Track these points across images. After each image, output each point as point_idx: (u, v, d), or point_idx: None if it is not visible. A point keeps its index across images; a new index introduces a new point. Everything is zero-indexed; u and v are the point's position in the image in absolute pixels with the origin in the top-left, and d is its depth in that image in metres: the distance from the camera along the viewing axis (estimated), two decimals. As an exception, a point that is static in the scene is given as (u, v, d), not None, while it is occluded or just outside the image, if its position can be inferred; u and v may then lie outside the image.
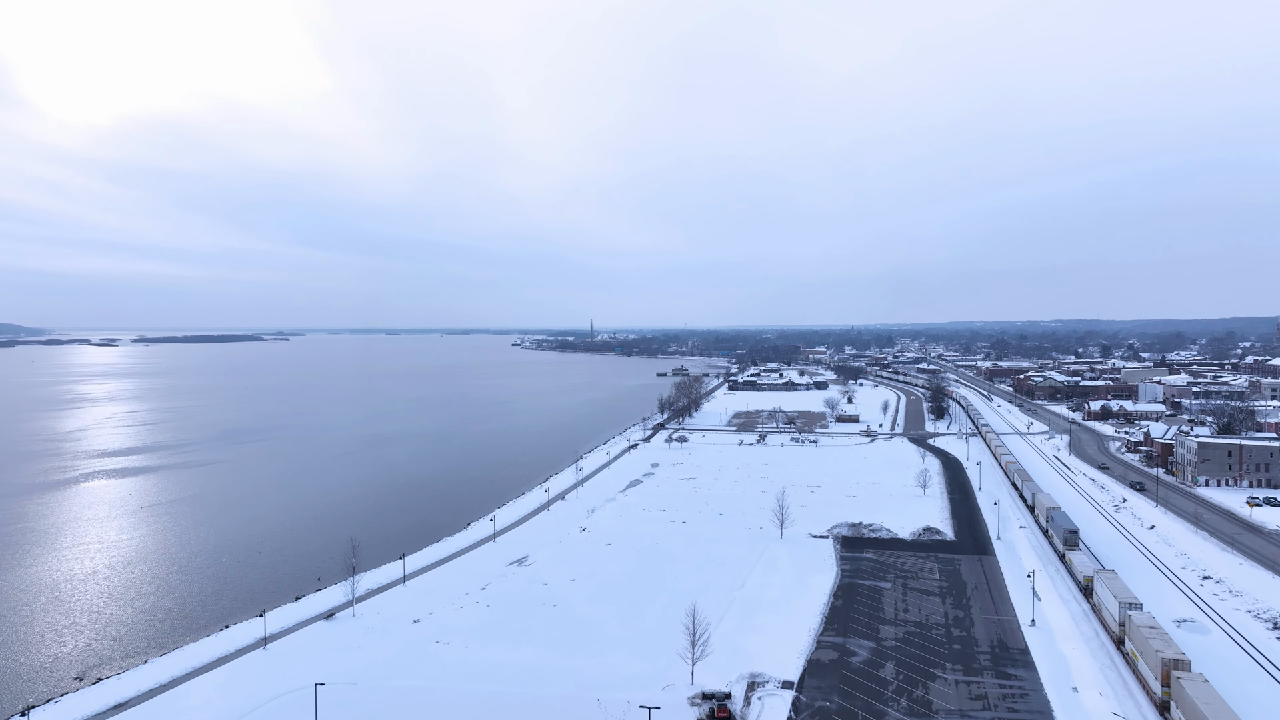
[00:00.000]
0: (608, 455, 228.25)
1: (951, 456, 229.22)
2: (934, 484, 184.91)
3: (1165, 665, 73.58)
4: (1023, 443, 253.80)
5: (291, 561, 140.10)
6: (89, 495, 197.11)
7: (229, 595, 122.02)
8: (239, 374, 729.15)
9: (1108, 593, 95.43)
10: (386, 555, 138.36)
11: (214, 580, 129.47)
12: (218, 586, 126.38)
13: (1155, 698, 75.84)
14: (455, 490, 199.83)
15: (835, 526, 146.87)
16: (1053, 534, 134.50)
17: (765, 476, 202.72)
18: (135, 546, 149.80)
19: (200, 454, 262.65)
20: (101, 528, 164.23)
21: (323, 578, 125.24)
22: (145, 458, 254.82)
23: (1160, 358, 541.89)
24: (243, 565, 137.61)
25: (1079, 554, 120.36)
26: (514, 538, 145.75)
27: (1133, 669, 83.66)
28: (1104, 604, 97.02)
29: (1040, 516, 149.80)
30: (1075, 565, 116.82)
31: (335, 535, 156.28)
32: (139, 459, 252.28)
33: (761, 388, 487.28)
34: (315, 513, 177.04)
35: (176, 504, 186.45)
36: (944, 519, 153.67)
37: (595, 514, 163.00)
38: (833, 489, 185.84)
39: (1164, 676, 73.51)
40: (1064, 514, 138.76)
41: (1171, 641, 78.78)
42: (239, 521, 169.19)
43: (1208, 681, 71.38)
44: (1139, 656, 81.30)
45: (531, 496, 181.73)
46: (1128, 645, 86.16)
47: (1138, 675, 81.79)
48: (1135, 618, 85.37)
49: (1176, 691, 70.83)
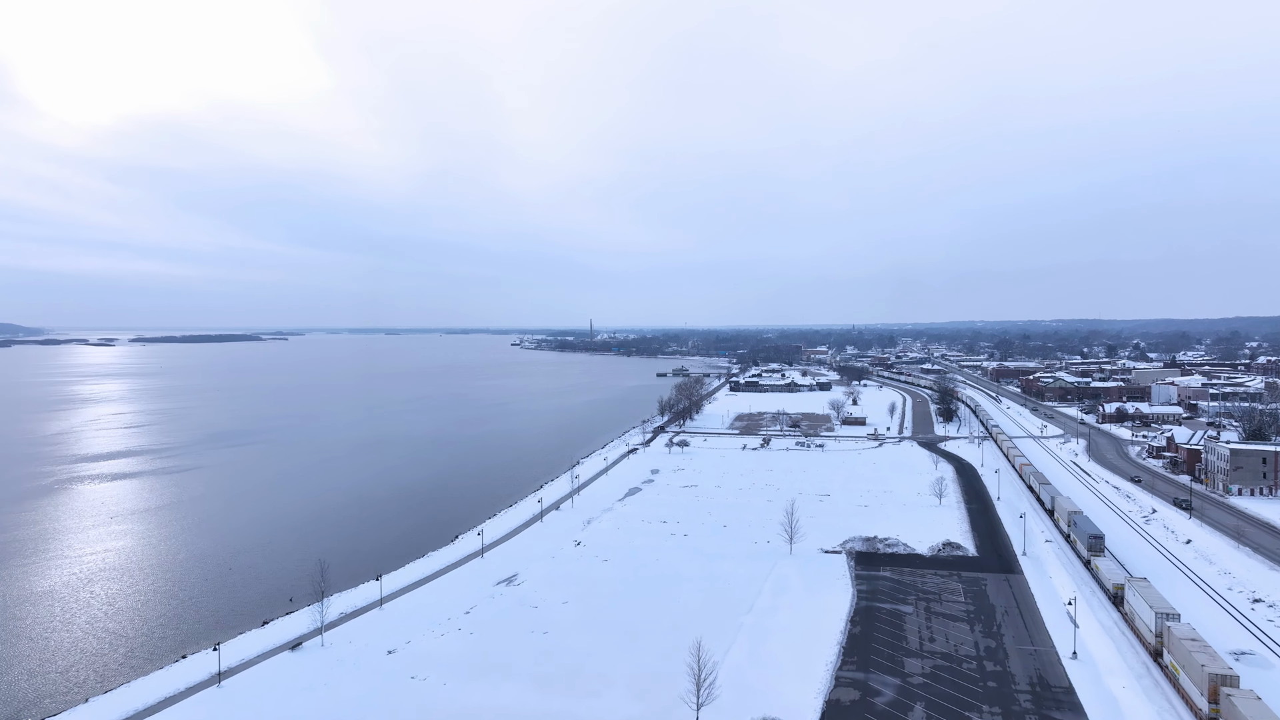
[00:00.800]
0: (605, 461, 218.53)
1: (965, 462, 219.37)
2: (950, 492, 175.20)
3: (1212, 681, 69.78)
4: (1037, 447, 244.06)
5: (265, 579, 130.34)
6: (56, 505, 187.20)
7: (191, 619, 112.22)
8: (233, 375, 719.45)
9: (1142, 602, 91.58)
10: (366, 572, 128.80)
11: (177, 602, 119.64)
12: (180, 609, 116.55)
13: (1201, 715, 71.53)
14: (444, 499, 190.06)
15: (848, 540, 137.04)
16: (1076, 540, 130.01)
17: (770, 484, 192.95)
18: (98, 563, 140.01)
19: (183, 459, 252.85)
20: (64, 542, 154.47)
21: (295, 598, 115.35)
22: (124, 463, 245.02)
23: (1171, 358, 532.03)
24: (211, 584, 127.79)
25: (1105, 560, 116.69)
26: (504, 553, 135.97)
27: (1173, 683, 79.88)
28: (1137, 613, 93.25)
29: (1061, 522, 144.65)
30: (1103, 572, 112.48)
31: (314, 549, 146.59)
32: (117, 464, 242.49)
33: (764, 389, 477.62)
34: (295, 524, 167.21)
35: (148, 514, 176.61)
36: (964, 532, 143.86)
37: (591, 526, 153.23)
38: (842, 498, 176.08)
39: (1211, 693, 69.74)
40: (1087, 519, 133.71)
41: (1217, 655, 74.67)
42: (212, 534, 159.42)
43: (1260, 699, 66.54)
44: (1180, 670, 77.63)
45: (524, 506, 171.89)
46: (1167, 658, 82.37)
47: (1179, 690, 77.91)
48: (1175, 629, 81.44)
49: (1226, 709, 67.19)
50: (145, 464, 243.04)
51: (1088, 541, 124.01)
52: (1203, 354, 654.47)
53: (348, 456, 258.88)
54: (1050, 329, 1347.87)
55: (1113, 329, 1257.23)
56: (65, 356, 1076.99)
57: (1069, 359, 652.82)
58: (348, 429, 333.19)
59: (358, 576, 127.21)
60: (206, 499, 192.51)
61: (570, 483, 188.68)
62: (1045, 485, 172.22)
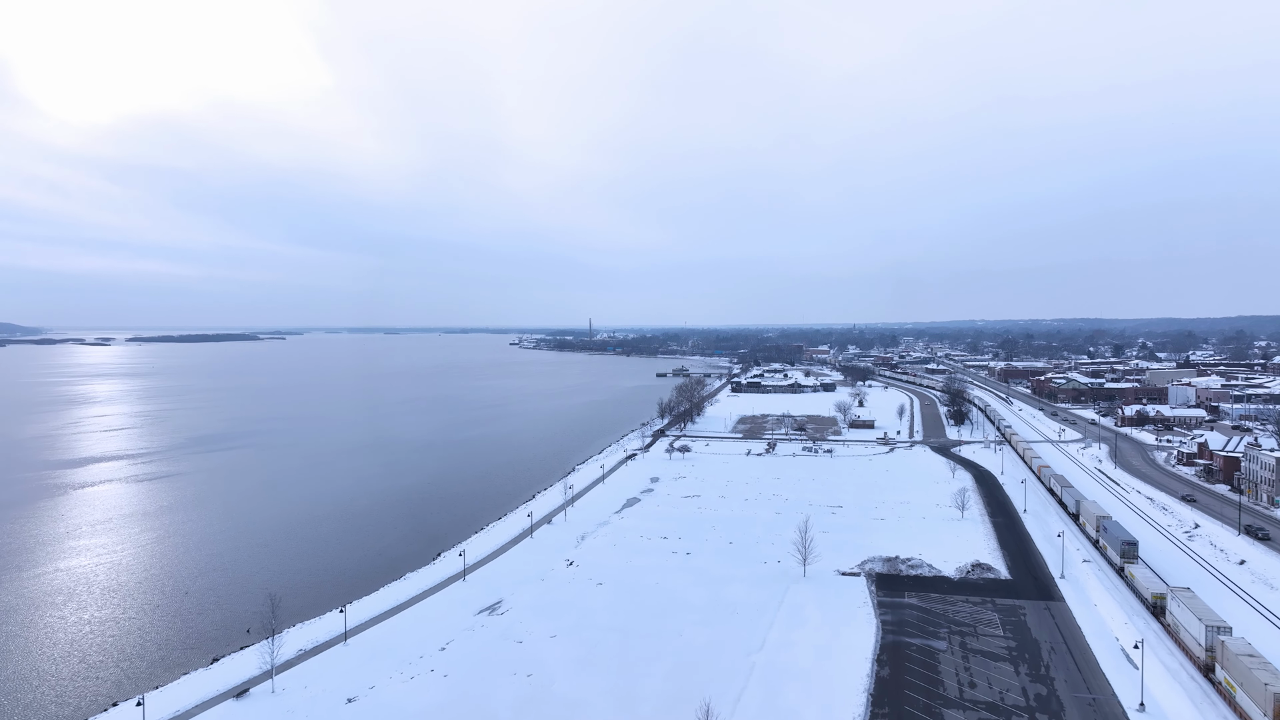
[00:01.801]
0: (601, 469, 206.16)
1: (983, 469, 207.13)
2: (972, 504, 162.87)
3: (1277, 701, 65.64)
4: (1056, 452, 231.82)
5: (223, 605, 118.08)
6: (9, 519, 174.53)
7: (131, 658, 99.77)
8: (226, 375, 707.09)
9: (1188, 613, 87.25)
10: (337, 596, 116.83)
11: (118, 636, 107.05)
12: (120, 645, 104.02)
13: None
14: (428, 511, 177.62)
15: (867, 561, 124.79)
16: (1106, 545, 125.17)
17: (778, 494, 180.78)
18: (41, 587, 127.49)
19: (158, 465, 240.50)
20: (8, 562, 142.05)
21: (254, 629, 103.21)
22: (94, 470, 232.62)
23: (1185, 358, 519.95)
24: (162, 612, 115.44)
25: (1140, 568, 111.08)
26: (488, 575, 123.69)
27: (1229, 702, 75.72)
28: (1183, 625, 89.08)
29: (1088, 527, 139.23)
30: (1139, 580, 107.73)
31: (282, 569, 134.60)
32: (86, 472, 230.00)
33: (766, 389, 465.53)
34: (266, 539, 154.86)
35: (108, 528, 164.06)
36: (992, 550, 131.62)
37: (585, 542, 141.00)
38: (856, 510, 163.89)
39: (1276, 712, 65.63)
40: (1118, 524, 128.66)
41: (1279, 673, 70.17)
42: (173, 551, 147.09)
43: None
44: (1237, 688, 73.80)
45: (514, 519, 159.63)
46: (1220, 674, 78.55)
47: (1236, 709, 73.97)
48: (1230, 644, 77.31)
49: None
50: (116, 471, 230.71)
51: (1120, 548, 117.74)
52: (1211, 354, 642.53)
53: (331, 462, 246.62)
54: (1052, 328, 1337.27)
55: (1115, 328, 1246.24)
56: (59, 356, 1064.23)
57: (1077, 359, 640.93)
58: (335, 432, 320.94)
59: (327, 601, 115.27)
60: (174, 510, 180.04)
61: (564, 493, 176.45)
62: (1068, 489, 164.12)
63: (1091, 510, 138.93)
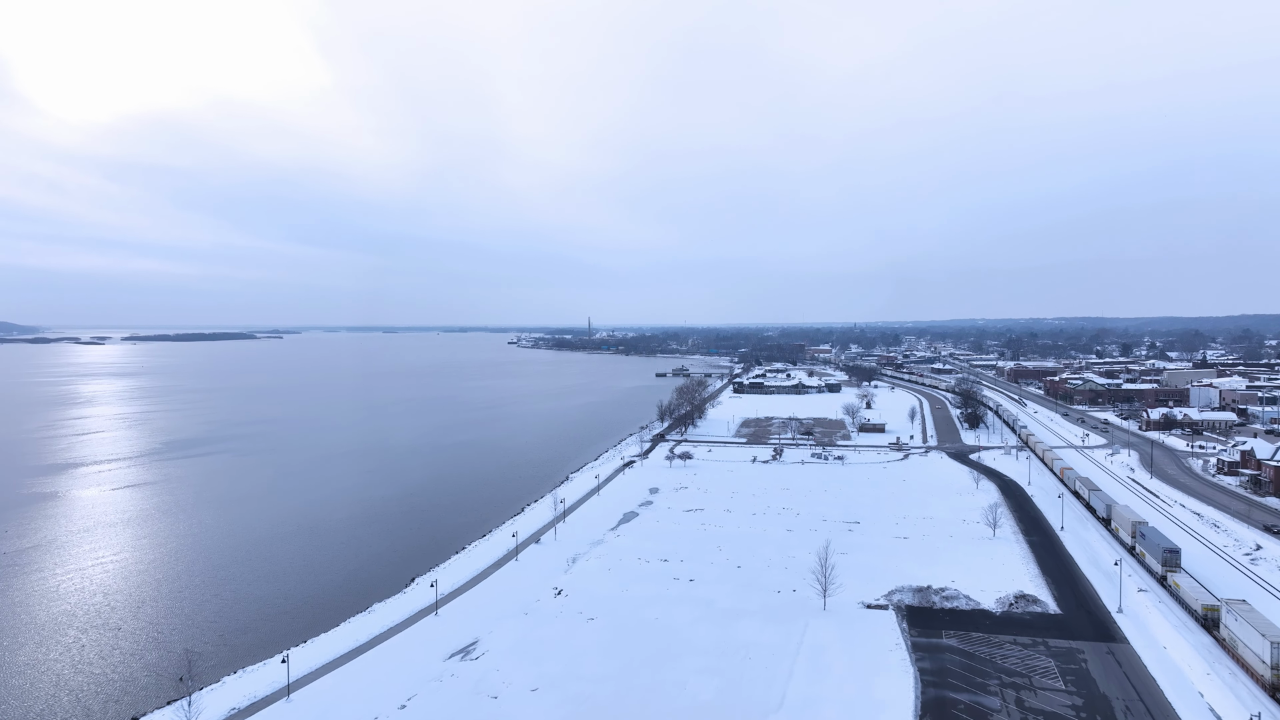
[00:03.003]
0: (596, 479, 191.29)
1: (1008, 479, 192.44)
2: (1003, 521, 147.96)
3: None
4: (1083, 459, 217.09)
5: (159, 646, 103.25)
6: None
7: (44, 715, 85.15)
8: (217, 375, 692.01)
9: (1248, 628, 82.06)
10: (292, 633, 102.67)
11: (24, 690, 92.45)
12: (28, 699, 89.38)
13: None
14: (406, 528, 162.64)
15: (895, 591, 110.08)
16: (1144, 553, 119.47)
17: (788, 507, 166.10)
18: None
19: (123, 473, 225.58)
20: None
21: (187, 676, 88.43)
22: (53, 481, 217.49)
23: (1201, 357, 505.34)
24: (87, 656, 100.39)
25: (1185, 578, 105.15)
26: (465, 607, 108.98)
27: None
28: (1243, 640, 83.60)
29: (1122, 533, 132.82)
30: (1185, 590, 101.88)
31: (234, 600, 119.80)
32: (42, 483, 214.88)
33: (769, 390, 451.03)
34: (221, 563, 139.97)
35: (45, 551, 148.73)
36: (1033, 576, 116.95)
37: (576, 566, 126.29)
38: (875, 526, 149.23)
39: None
40: (1156, 530, 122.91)
41: None
42: (111, 580, 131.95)
43: None
44: None
45: (498, 538, 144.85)
46: None
47: None
48: None
49: None
50: (75, 480, 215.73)
51: (1161, 556, 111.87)
52: (1222, 353, 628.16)
53: (309, 470, 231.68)
54: (1054, 327, 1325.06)
55: (1118, 327, 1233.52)
56: (51, 355, 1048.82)
57: (1085, 358, 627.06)
58: (319, 436, 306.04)
59: (281, 638, 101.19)
60: (122, 527, 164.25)
61: (554, 507, 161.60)
62: (1096, 492, 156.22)
63: (1125, 515, 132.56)
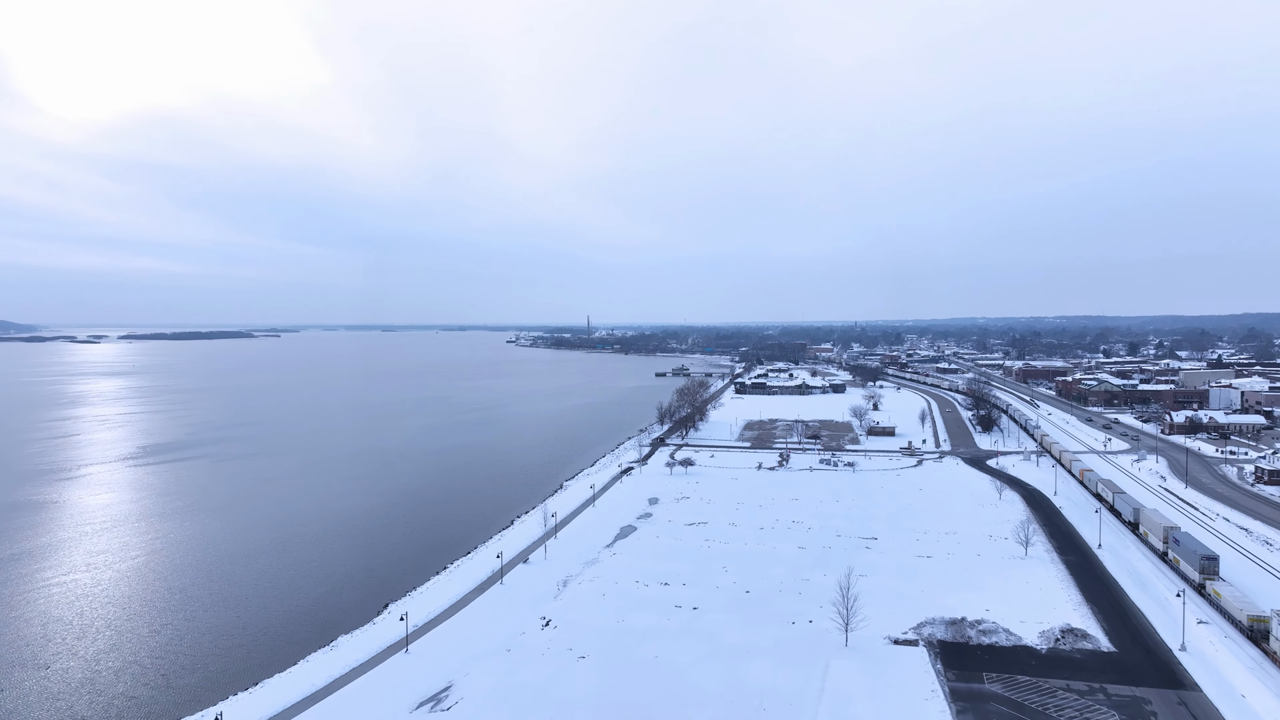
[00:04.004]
0: (592, 489, 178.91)
1: (1032, 489, 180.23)
2: (1035, 537, 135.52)
3: None
4: (1105, 465, 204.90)
5: (95, 688, 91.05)
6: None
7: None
8: (209, 374, 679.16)
9: None
10: (245, 671, 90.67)
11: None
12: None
13: None
14: (385, 544, 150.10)
15: (925, 623, 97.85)
16: (1179, 560, 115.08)
17: (798, 520, 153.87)
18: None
19: (91, 480, 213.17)
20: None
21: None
22: (11, 490, 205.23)
23: (1216, 357, 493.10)
24: (4, 704, 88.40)
25: (1226, 586, 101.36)
26: (440, 642, 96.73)
27: None
28: None
29: (1151, 537, 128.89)
30: (1227, 600, 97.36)
31: (188, 633, 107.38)
32: (5, 491, 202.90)
33: (772, 390, 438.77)
34: (175, 584, 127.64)
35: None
36: (1077, 604, 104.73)
37: (568, 591, 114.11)
38: (894, 543, 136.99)
39: None
40: (1190, 535, 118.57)
41: None
42: (55, 605, 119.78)
43: None
44: None
45: (483, 556, 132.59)
46: None
47: None
48: None
49: None
50: (34, 489, 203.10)
51: (1199, 563, 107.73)
52: (1232, 352, 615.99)
53: (288, 478, 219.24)
54: (1056, 325, 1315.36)
55: (1121, 325, 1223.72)
56: (46, 354, 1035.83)
57: (1093, 357, 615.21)
58: (304, 440, 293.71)
59: (233, 678, 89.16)
60: (75, 544, 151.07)
61: (544, 522, 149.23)
62: (1120, 495, 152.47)
63: (1155, 520, 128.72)
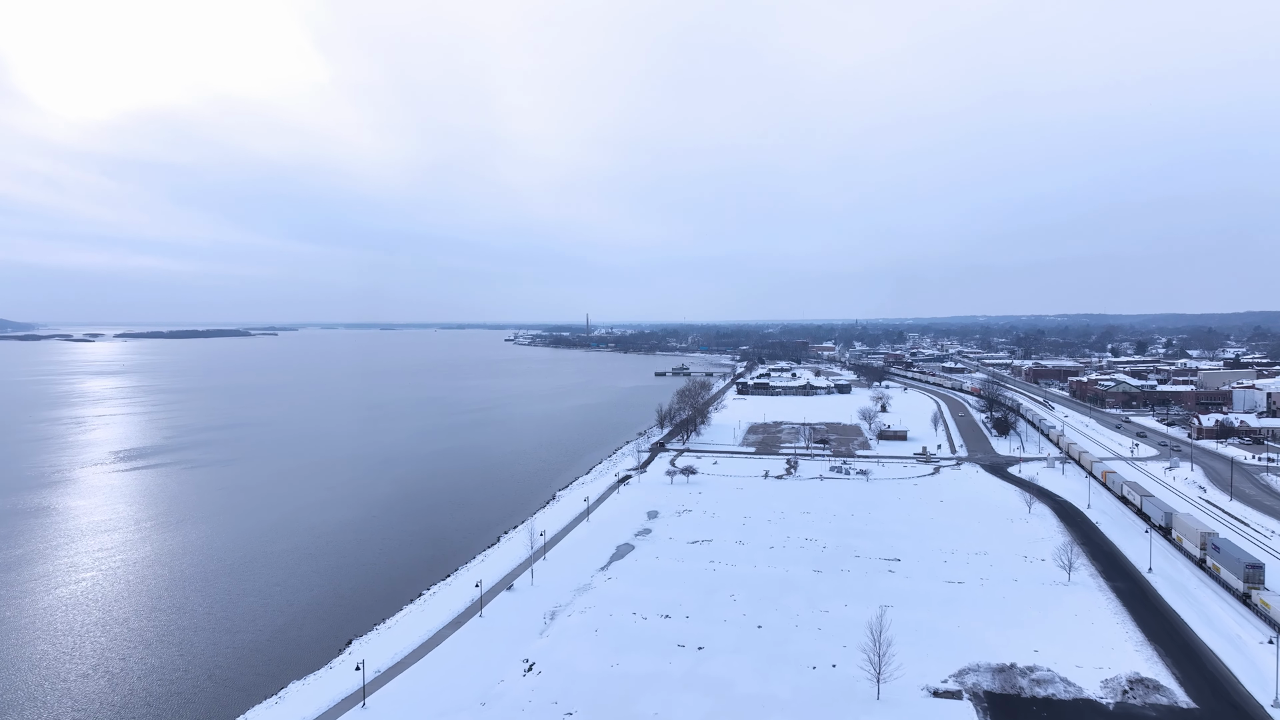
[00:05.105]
0: (585, 501, 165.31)
1: (1062, 500, 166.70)
2: (1078, 561, 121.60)
3: None
4: (1135, 472, 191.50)
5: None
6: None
7: None
8: (203, 373, 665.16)
9: None
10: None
11: None
12: None
13: None
14: (353, 568, 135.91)
15: (968, 670, 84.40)
16: (1219, 567, 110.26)
17: (811, 537, 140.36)
18: None
19: (49, 490, 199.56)
20: None
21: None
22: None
23: (1233, 356, 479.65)
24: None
25: (1272, 596, 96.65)
26: (403, 693, 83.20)
27: None
28: None
29: (1186, 543, 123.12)
30: (1277, 612, 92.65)
31: (117, 681, 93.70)
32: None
33: (775, 391, 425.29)
34: (115, 615, 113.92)
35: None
36: (1138, 644, 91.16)
37: (555, 625, 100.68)
38: (919, 564, 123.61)
39: None
40: (1230, 542, 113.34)
41: None
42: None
43: None
44: None
45: (464, 580, 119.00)
46: None
47: None
48: None
49: None
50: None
51: (1244, 572, 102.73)
52: (1243, 351, 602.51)
53: (263, 487, 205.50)
54: (1058, 324, 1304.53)
55: (1123, 323, 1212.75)
56: (39, 353, 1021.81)
57: (1102, 356, 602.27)
58: (287, 444, 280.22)
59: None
60: (9, 570, 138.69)
61: (531, 542, 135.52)
62: (1149, 498, 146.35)
63: (1189, 524, 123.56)
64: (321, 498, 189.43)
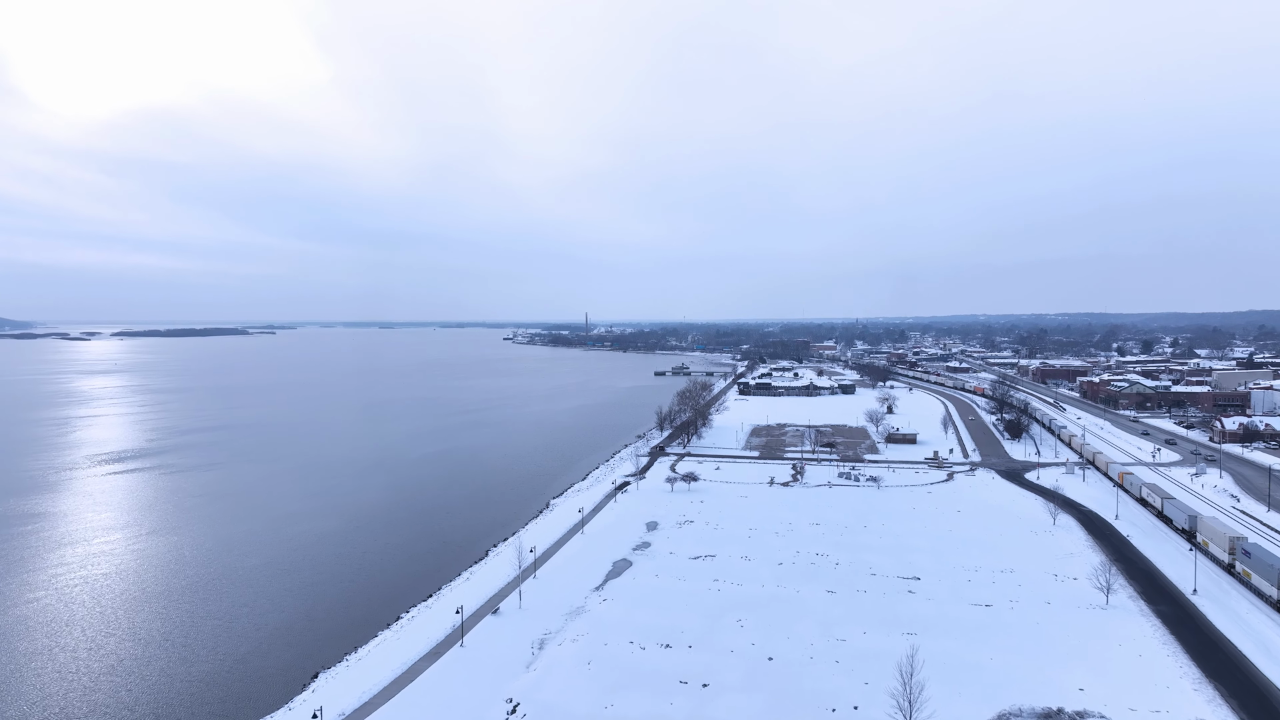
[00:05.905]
0: (580, 512, 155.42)
1: (1088, 511, 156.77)
2: (1116, 581, 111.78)
3: None
4: (1159, 478, 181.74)
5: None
6: None
7: None
8: (197, 373, 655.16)
9: None
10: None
11: None
12: None
13: None
14: (328, 589, 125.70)
15: (1009, 715, 74.36)
16: (1250, 572, 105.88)
17: (823, 552, 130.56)
18: None
19: (12, 497, 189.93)
20: None
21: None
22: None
23: (1246, 355, 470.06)
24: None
25: None
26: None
27: None
28: None
29: (1212, 546, 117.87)
30: None
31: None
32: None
33: (777, 391, 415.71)
34: (62, 641, 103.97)
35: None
36: (1196, 682, 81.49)
37: (544, 656, 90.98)
38: (941, 584, 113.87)
39: None
40: (1260, 546, 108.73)
41: None
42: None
43: None
44: None
45: (445, 603, 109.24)
46: None
47: None
48: None
49: None
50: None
51: (1277, 578, 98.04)
52: (1253, 350, 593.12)
53: (240, 494, 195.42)
54: (1059, 322, 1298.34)
55: (1125, 322, 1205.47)
56: (33, 352, 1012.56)
57: (1108, 355, 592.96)
58: (271, 448, 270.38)
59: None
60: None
61: (520, 561, 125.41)
62: (1170, 500, 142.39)
63: (1216, 528, 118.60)
64: (303, 506, 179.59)
